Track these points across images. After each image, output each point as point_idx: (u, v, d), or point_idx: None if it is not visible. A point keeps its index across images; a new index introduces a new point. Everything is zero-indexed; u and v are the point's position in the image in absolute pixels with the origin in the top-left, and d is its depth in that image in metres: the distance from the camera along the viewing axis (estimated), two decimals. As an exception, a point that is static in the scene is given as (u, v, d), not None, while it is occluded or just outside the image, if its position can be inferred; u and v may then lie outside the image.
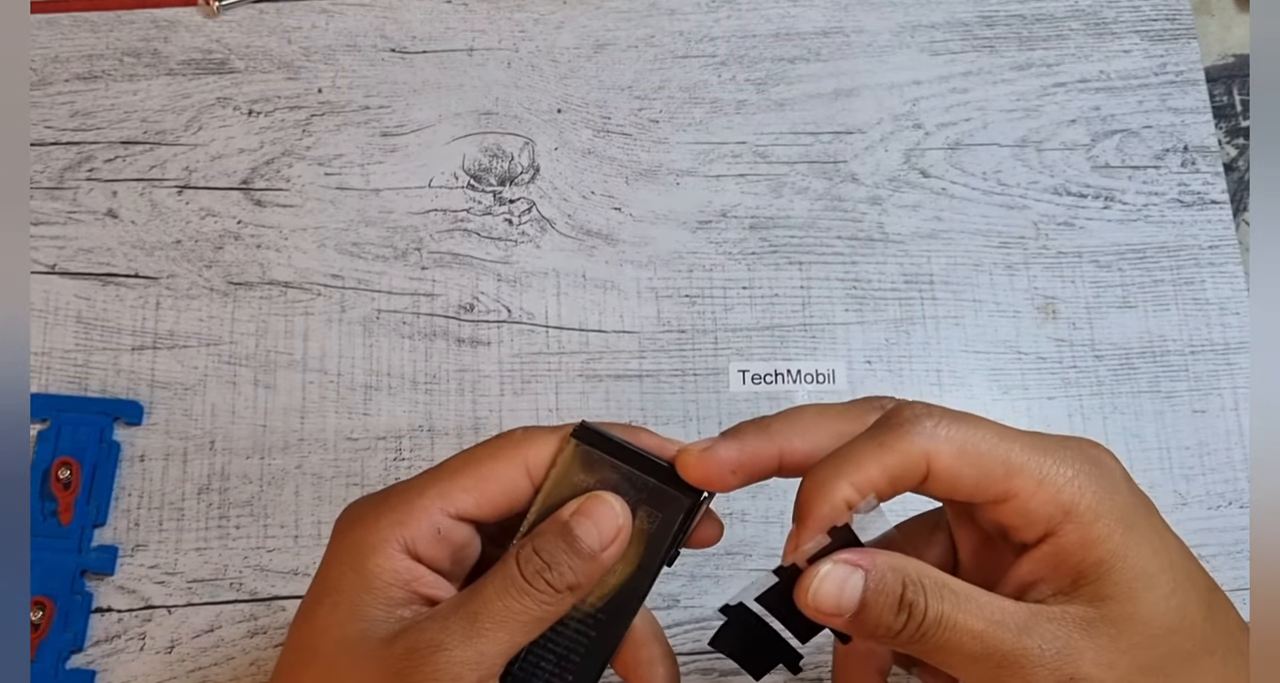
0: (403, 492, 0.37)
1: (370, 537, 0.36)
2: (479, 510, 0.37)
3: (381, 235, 0.56)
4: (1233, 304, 0.55)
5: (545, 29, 0.60)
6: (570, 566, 0.36)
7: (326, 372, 0.54)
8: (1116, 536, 0.35)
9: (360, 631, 0.35)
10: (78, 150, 0.58)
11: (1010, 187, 0.57)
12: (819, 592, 0.35)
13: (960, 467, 0.35)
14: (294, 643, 0.36)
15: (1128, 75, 0.59)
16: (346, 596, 0.35)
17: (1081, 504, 0.35)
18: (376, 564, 0.35)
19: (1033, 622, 0.34)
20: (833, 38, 0.60)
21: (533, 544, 0.36)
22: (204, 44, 0.60)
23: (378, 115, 0.58)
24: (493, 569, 0.36)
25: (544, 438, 0.37)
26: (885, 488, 0.36)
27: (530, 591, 0.35)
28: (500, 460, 0.37)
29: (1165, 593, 0.35)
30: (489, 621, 0.34)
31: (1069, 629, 0.34)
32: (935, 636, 0.34)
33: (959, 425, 0.36)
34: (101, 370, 0.54)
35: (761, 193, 0.57)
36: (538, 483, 0.37)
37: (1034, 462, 0.35)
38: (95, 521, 0.52)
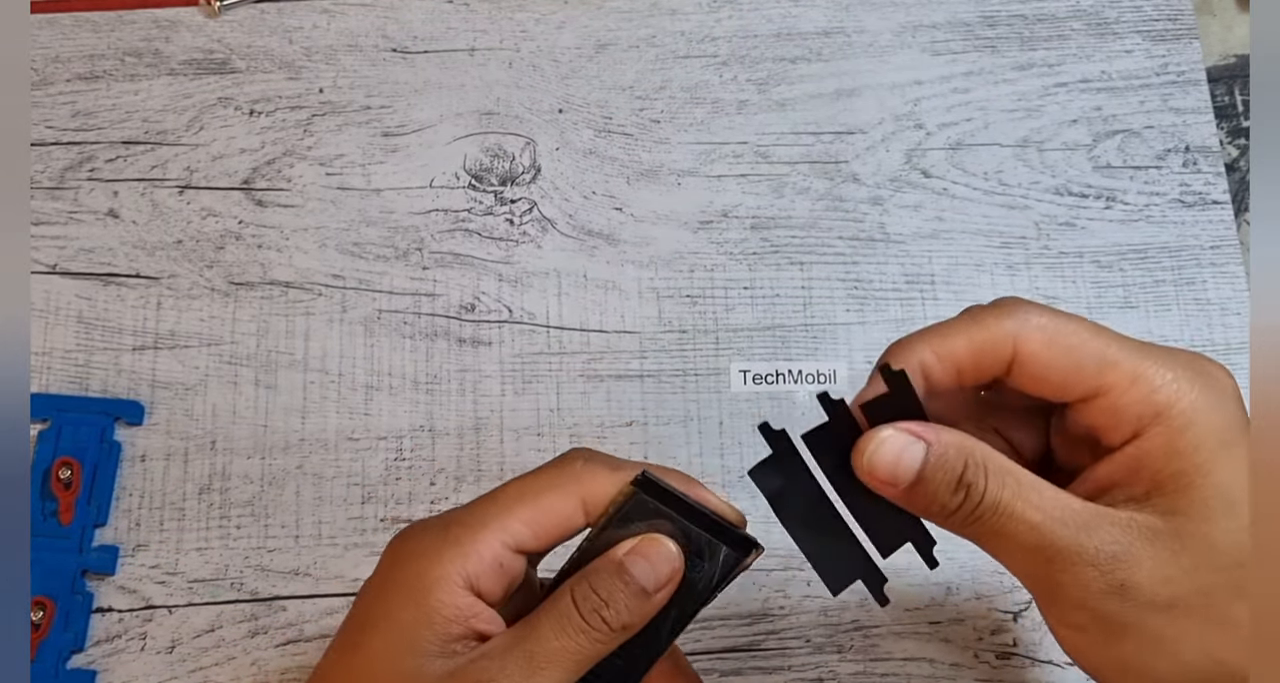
0: (464, 522, 0.36)
1: (434, 570, 0.35)
2: (536, 543, 0.37)
3: (383, 235, 0.56)
4: (1234, 304, 0.55)
5: (547, 29, 0.60)
6: (626, 605, 0.35)
7: (328, 372, 0.54)
8: (1206, 449, 0.33)
9: (416, 666, 0.34)
10: (79, 150, 0.58)
11: (1012, 187, 0.57)
12: (875, 456, 0.34)
13: (1051, 355, 0.34)
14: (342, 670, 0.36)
15: (1129, 75, 0.59)
16: (405, 629, 0.35)
17: (1175, 408, 0.33)
18: (439, 599, 0.35)
19: (1095, 522, 0.33)
20: (834, 38, 0.60)
21: (589, 582, 0.36)
22: (205, 44, 0.60)
23: (379, 115, 0.58)
24: (546, 607, 0.35)
25: (604, 476, 0.37)
26: (967, 362, 0.35)
27: (587, 629, 0.35)
28: (559, 493, 0.37)
29: (1244, 523, 0.33)
30: (545, 659, 0.34)
31: (1132, 536, 0.33)
32: (990, 521, 0.33)
33: (1056, 317, 0.35)
34: (102, 370, 0.54)
35: (763, 193, 0.57)
36: (591, 520, 0.37)
37: (1133, 359, 0.34)
38: (96, 521, 0.52)
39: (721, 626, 0.50)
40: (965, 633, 0.50)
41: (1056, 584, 0.33)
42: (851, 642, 0.50)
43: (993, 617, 0.50)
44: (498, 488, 0.38)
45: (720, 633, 0.50)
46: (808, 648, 0.50)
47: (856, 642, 0.50)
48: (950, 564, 0.51)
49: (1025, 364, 0.35)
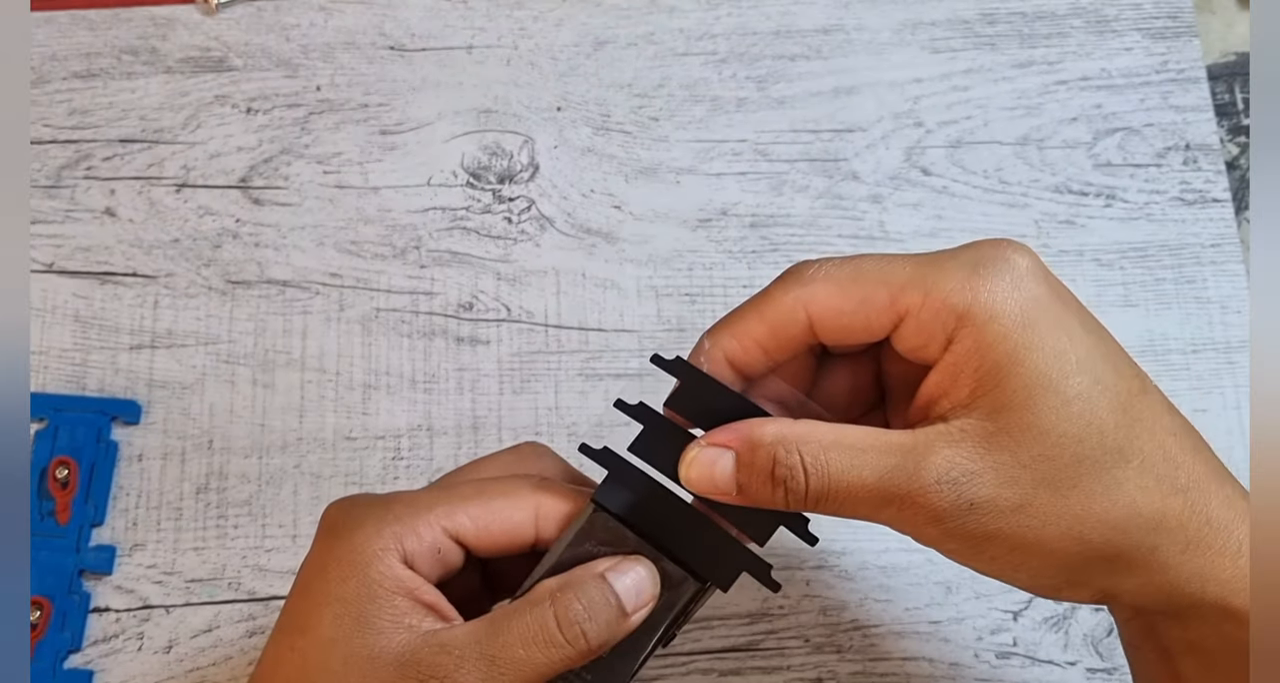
0: (409, 502, 0.36)
1: (373, 543, 0.35)
2: (477, 542, 0.36)
3: (380, 234, 0.56)
4: (1234, 303, 0.55)
5: (545, 26, 0.60)
6: (607, 621, 0.34)
7: (325, 371, 0.54)
8: (1014, 335, 0.33)
9: (369, 645, 0.34)
10: (75, 149, 0.57)
11: (1011, 185, 0.57)
12: (689, 476, 0.35)
13: (842, 303, 0.35)
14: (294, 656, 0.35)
15: (1129, 73, 0.59)
16: (351, 606, 0.34)
17: (975, 305, 0.33)
18: (379, 572, 0.34)
19: (928, 451, 0.33)
20: (833, 35, 0.59)
21: (573, 592, 0.34)
22: (202, 42, 0.59)
23: (376, 113, 0.58)
24: (517, 611, 0.34)
25: (561, 493, 0.37)
26: (768, 340, 0.36)
27: (561, 644, 0.34)
28: (513, 501, 0.36)
29: (1067, 398, 0.33)
30: (508, 667, 0.33)
31: (966, 451, 0.33)
32: (829, 498, 0.34)
33: (840, 265, 0.35)
34: (99, 370, 0.54)
35: (762, 191, 0.57)
36: (543, 535, 0.36)
37: (919, 275, 0.34)
38: (93, 520, 0.51)
39: (721, 625, 0.50)
40: (964, 632, 0.50)
41: (916, 524, 0.33)
42: (851, 641, 0.50)
43: (992, 616, 0.50)
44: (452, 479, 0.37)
45: (719, 633, 0.50)
46: (807, 648, 0.50)
47: (856, 641, 0.50)
48: (949, 564, 0.51)
49: (823, 322, 0.35)
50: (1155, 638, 0.36)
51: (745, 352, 0.36)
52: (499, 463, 0.39)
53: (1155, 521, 0.33)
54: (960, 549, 0.34)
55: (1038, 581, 0.35)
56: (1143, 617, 0.36)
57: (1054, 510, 0.33)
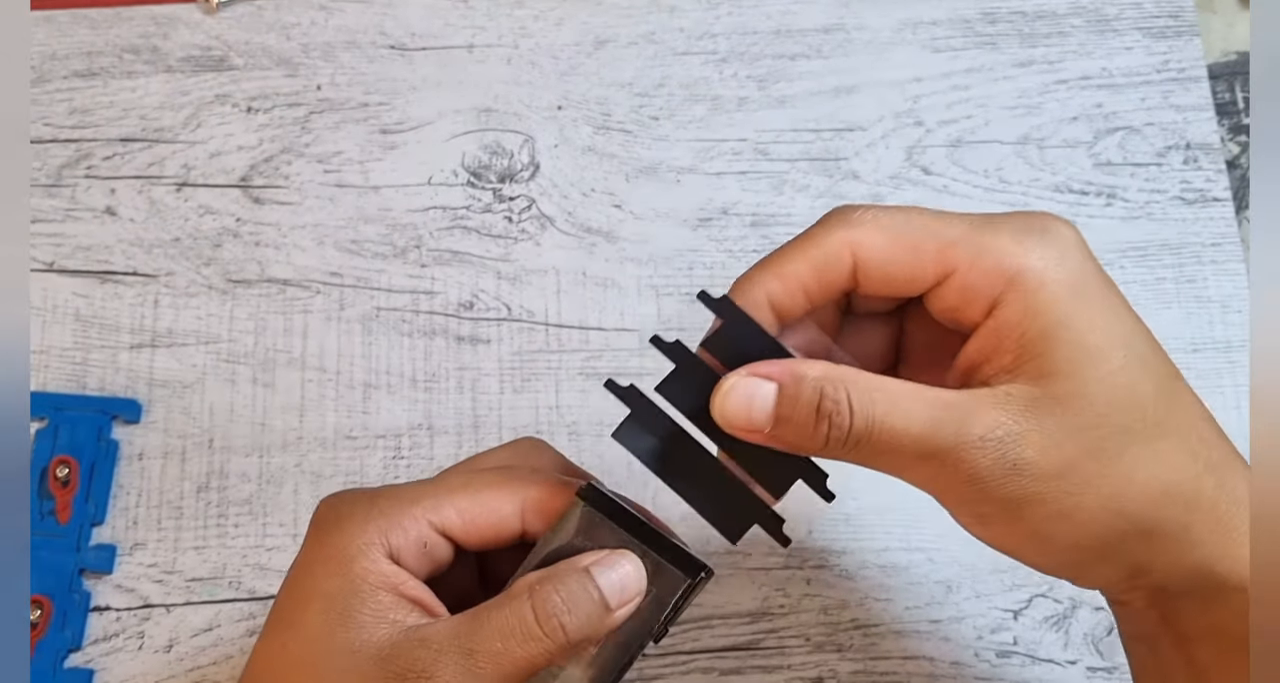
0: (395, 496, 0.36)
1: (358, 539, 0.35)
2: (464, 535, 0.36)
3: (381, 233, 0.56)
4: (1235, 302, 0.55)
5: (545, 26, 0.60)
6: (589, 614, 0.34)
7: (325, 370, 0.54)
8: (1063, 303, 0.33)
9: (351, 640, 0.34)
10: (76, 147, 0.57)
11: (1012, 184, 0.57)
12: (726, 406, 0.34)
13: (891, 251, 0.34)
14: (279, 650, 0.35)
15: (1130, 72, 0.59)
16: (335, 601, 0.34)
17: (1027, 271, 0.33)
18: (363, 568, 0.34)
19: (974, 410, 0.32)
20: (834, 34, 0.59)
21: (553, 584, 0.34)
22: (203, 41, 0.59)
23: (377, 112, 0.58)
24: (497, 604, 0.34)
25: (549, 486, 0.36)
26: (812, 281, 0.35)
27: (540, 636, 0.33)
28: (500, 493, 0.36)
29: (1113, 369, 0.33)
30: (486, 660, 0.33)
31: (1012, 413, 0.32)
32: (869, 443, 0.33)
33: (890, 213, 0.35)
34: (100, 369, 0.54)
35: (762, 190, 0.57)
36: (530, 528, 0.36)
37: (971, 234, 0.34)
38: (93, 519, 0.51)
39: (721, 624, 0.50)
40: (965, 631, 0.50)
41: (954, 483, 0.33)
42: (851, 640, 0.50)
43: (992, 615, 0.50)
44: (441, 473, 0.37)
45: (720, 631, 0.50)
46: (807, 646, 0.50)
47: (856, 640, 0.50)
48: (950, 563, 0.51)
49: (868, 267, 0.35)
50: (1173, 624, 0.36)
51: (788, 294, 0.35)
52: (496, 457, 0.39)
53: (1191, 497, 0.33)
54: (995, 513, 0.33)
55: (1069, 555, 0.34)
56: (1162, 602, 0.36)
57: (1096, 478, 0.32)
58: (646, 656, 0.49)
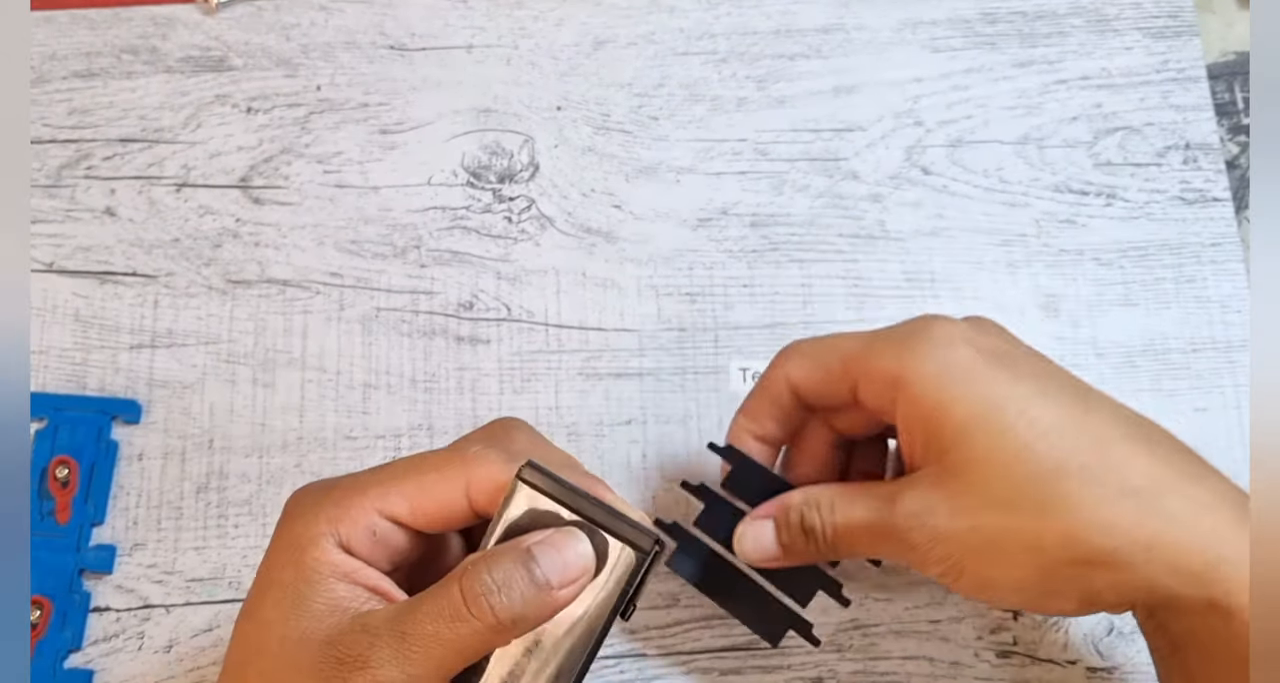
0: (346, 487, 0.36)
1: (309, 530, 0.35)
2: (412, 519, 0.36)
3: (380, 233, 0.56)
4: (1234, 302, 0.55)
5: (545, 26, 0.60)
6: (523, 594, 0.34)
7: (325, 370, 0.54)
8: (933, 392, 0.38)
9: (303, 629, 0.34)
10: (75, 148, 0.57)
11: (1012, 184, 0.57)
12: (744, 549, 0.43)
13: (811, 375, 0.42)
14: (240, 639, 0.36)
15: (1129, 72, 0.59)
16: (289, 590, 0.35)
17: (904, 371, 0.39)
18: (314, 558, 0.35)
19: (900, 494, 0.39)
20: (833, 34, 0.59)
21: (484, 563, 0.34)
22: (202, 41, 0.59)
23: (376, 113, 0.58)
24: (432, 588, 0.34)
25: (494, 464, 0.36)
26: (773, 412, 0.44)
27: (467, 617, 0.33)
28: (443, 476, 0.36)
29: (996, 432, 0.37)
30: (419, 645, 0.33)
31: (924, 490, 0.38)
32: (843, 542, 0.40)
33: (814, 341, 0.43)
34: (99, 369, 0.54)
35: (762, 190, 0.57)
36: (477, 507, 0.36)
37: (863, 347, 0.40)
38: (93, 520, 0.51)
39: (721, 624, 0.50)
40: (965, 631, 0.50)
41: (907, 556, 0.39)
42: (851, 641, 0.50)
43: (992, 615, 0.50)
44: (397, 459, 0.38)
45: (720, 631, 0.50)
46: (807, 646, 0.50)
47: (856, 641, 0.50)
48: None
49: (802, 391, 0.42)
50: (1164, 631, 0.37)
51: (761, 427, 0.44)
52: (471, 441, 0.39)
53: (1106, 525, 0.36)
54: (944, 573, 0.39)
55: (1019, 595, 0.38)
56: (1146, 612, 0.38)
57: (1006, 529, 0.37)
58: (646, 656, 0.49)
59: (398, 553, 0.37)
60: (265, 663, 0.35)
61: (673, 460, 0.52)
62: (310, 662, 0.34)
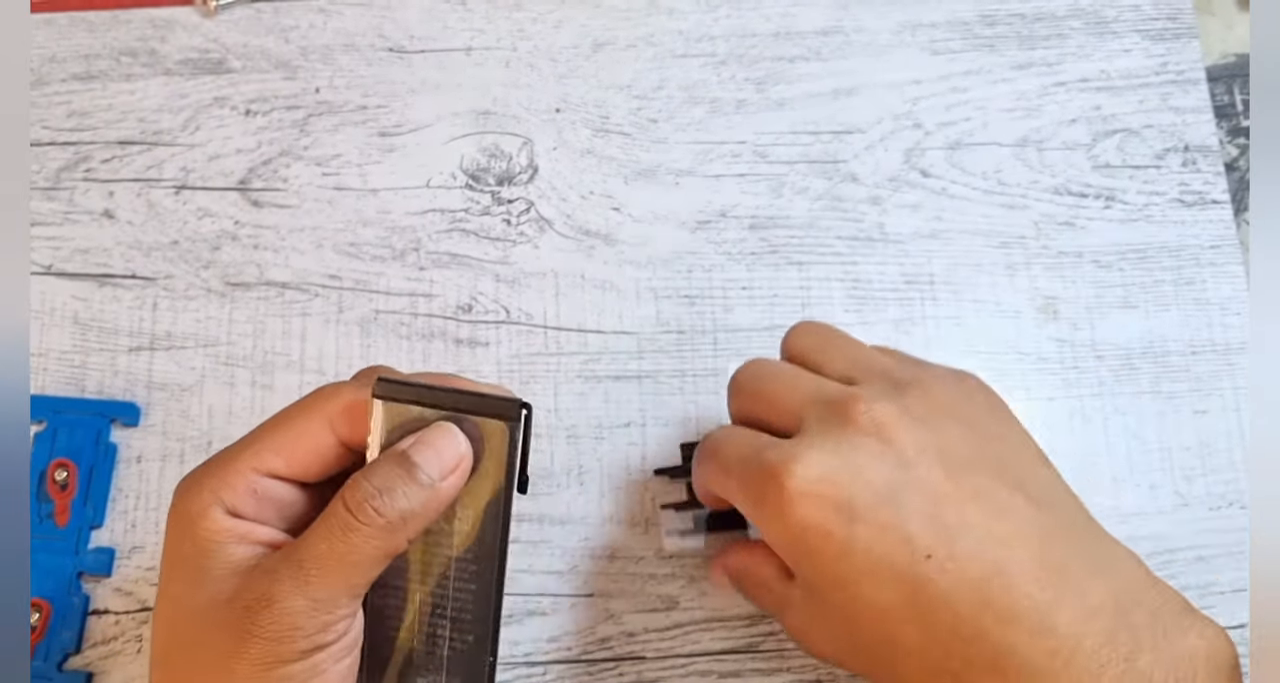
0: (221, 457, 0.37)
1: (195, 503, 0.36)
2: (289, 469, 0.37)
3: (379, 236, 0.56)
4: (1234, 304, 0.55)
5: (544, 28, 0.60)
6: (405, 493, 0.35)
7: (324, 373, 0.54)
8: (786, 553, 0.41)
9: (210, 594, 0.35)
10: (74, 150, 0.57)
11: (1011, 186, 0.57)
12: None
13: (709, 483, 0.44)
14: (158, 621, 0.36)
15: (1129, 74, 0.59)
16: (190, 564, 0.35)
17: (762, 520, 0.41)
18: (205, 529, 0.35)
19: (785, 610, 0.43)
20: (832, 37, 0.59)
21: (364, 474, 0.35)
22: (201, 43, 0.59)
23: (375, 115, 0.58)
24: (321, 514, 0.35)
25: (347, 391, 0.37)
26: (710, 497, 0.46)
27: (356, 526, 0.34)
28: (304, 417, 0.37)
29: (826, 606, 0.40)
30: (315, 566, 0.34)
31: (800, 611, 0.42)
32: None
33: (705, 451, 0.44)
34: (98, 372, 0.54)
35: (761, 193, 0.57)
36: (347, 439, 0.37)
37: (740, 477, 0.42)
38: (92, 522, 0.51)
39: (720, 627, 0.50)
40: (964, 634, 0.50)
41: None
42: (850, 643, 0.50)
43: (992, 618, 0.50)
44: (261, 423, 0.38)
45: (718, 634, 0.50)
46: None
47: (855, 643, 0.50)
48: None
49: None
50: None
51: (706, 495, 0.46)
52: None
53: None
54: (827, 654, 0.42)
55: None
56: None
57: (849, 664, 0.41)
58: (645, 658, 0.49)
59: (287, 507, 0.37)
60: (183, 635, 0.35)
61: (672, 463, 0.52)
62: (221, 619, 0.34)
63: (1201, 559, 0.51)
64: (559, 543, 0.51)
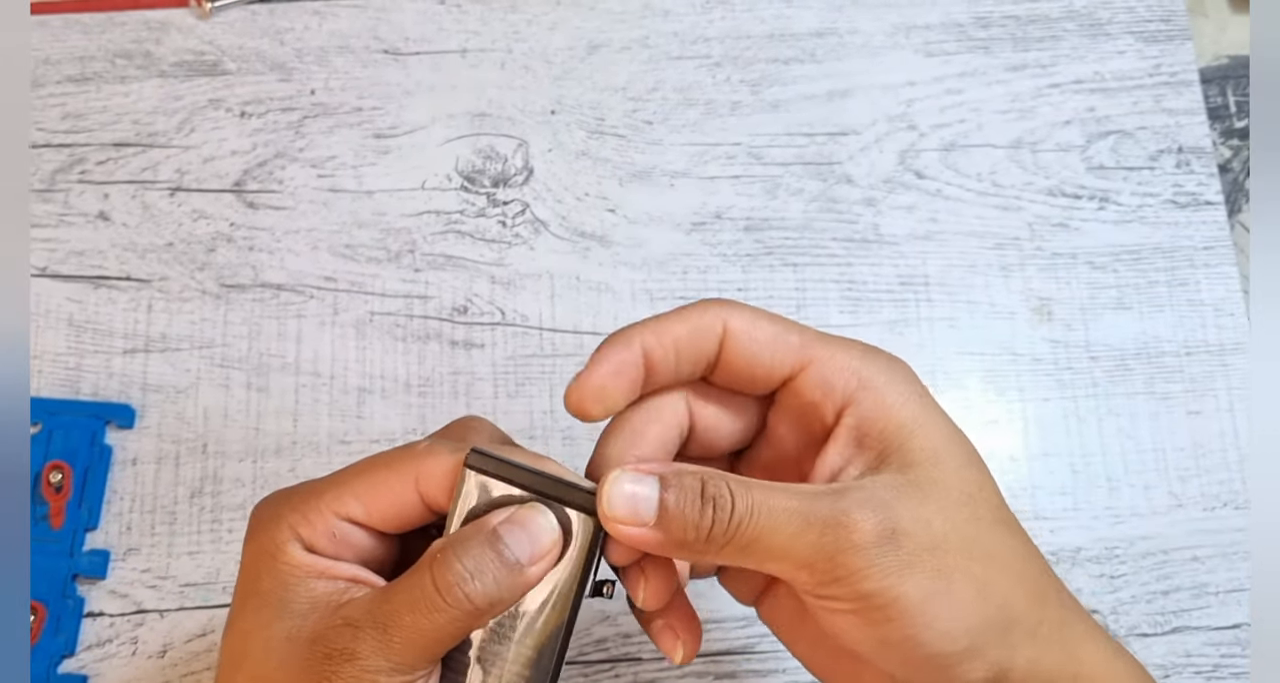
0: (305, 493, 0.36)
1: (275, 538, 0.35)
2: (368, 518, 0.36)
3: (375, 237, 0.56)
4: (1227, 305, 0.55)
5: (539, 30, 0.60)
6: (495, 578, 0.34)
7: (319, 374, 0.54)
8: (914, 402, 0.36)
9: (288, 629, 0.34)
10: (69, 152, 0.57)
11: (1005, 188, 0.57)
12: (611, 500, 0.34)
13: (756, 330, 0.36)
14: (228, 651, 0.36)
15: (1122, 76, 0.59)
16: (269, 597, 0.35)
17: (873, 375, 0.36)
18: (285, 562, 0.35)
19: (845, 490, 0.34)
20: (827, 39, 0.60)
21: (453, 550, 0.34)
22: (196, 45, 0.59)
23: (371, 117, 0.58)
24: (406, 575, 0.35)
25: (441, 455, 0.36)
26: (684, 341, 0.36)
27: (443, 607, 0.33)
28: (393, 472, 0.36)
29: (961, 464, 0.35)
30: (398, 635, 0.33)
31: (881, 493, 0.34)
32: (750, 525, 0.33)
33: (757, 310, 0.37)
34: (93, 374, 0.54)
35: (756, 194, 0.57)
36: (430, 500, 0.36)
37: (823, 341, 0.37)
38: (87, 525, 0.51)
39: (716, 628, 0.50)
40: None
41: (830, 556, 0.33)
42: (845, 644, 0.50)
43: (987, 619, 0.50)
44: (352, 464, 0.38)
45: (715, 636, 0.50)
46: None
47: (851, 644, 0.50)
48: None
49: (735, 342, 0.37)
50: None
51: (661, 347, 0.37)
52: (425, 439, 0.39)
53: (1039, 594, 0.35)
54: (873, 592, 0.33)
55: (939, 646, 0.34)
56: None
57: (965, 559, 0.34)
58: (641, 659, 0.49)
59: (363, 554, 0.37)
60: (255, 668, 0.35)
61: (667, 464, 0.52)
62: (299, 660, 0.34)
63: (1196, 559, 0.51)
64: (555, 544, 0.51)
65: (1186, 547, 0.51)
